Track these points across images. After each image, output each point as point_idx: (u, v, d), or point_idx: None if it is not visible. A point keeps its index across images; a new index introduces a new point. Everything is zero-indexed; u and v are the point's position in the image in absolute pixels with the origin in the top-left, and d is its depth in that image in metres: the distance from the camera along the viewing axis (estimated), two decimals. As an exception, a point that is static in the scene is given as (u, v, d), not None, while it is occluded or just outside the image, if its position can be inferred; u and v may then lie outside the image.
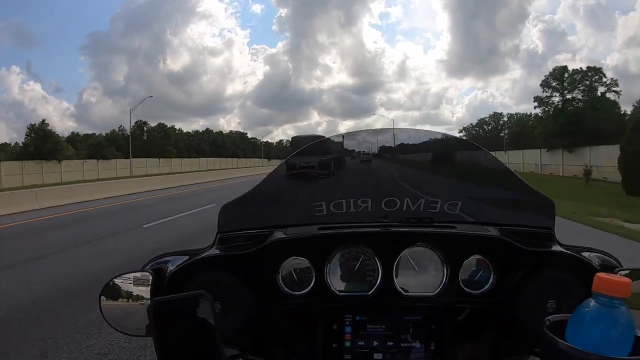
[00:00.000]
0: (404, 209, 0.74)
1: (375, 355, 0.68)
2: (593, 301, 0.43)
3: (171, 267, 0.71)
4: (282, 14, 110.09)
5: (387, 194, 0.77)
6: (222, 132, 69.72)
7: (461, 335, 0.69)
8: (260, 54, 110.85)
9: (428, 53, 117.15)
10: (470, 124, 63.99)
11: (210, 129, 68.55)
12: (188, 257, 0.72)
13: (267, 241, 0.71)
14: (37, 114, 64.73)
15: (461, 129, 61.05)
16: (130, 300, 0.67)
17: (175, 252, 0.76)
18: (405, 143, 0.85)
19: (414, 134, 0.85)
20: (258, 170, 31.99)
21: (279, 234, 0.73)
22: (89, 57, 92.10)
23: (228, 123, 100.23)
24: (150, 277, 0.67)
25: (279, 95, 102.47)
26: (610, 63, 68.30)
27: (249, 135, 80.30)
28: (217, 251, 0.75)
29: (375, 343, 0.68)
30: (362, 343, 0.68)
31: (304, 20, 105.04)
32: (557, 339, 0.43)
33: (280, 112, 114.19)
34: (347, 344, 0.68)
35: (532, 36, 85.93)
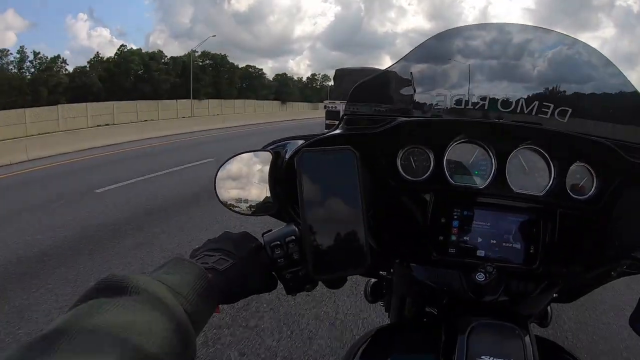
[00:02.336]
0: (517, 111, 0.77)
1: (478, 252, 0.72)
2: None
3: (290, 150, 0.73)
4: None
5: (504, 92, 0.79)
6: (155, 52, 44.77)
7: (560, 241, 0.73)
8: None
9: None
10: None
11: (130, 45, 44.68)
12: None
13: (393, 123, 0.74)
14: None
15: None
16: (245, 179, 0.71)
17: (296, 137, 0.78)
18: (521, 46, 0.83)
19: (527, 33, 0.83)
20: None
21: (403, 118, 0.77)
22: (152, 0, 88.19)
23: (297, 65, 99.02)
24: (271, 157, 0.69)
25: (351, 38, 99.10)
26: None
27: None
28: (340, 131, 0.78)
29: (479, 239, 0.72)
30: (467, 238, 0.73)
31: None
32: None
33: (352, 55, 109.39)
34: (453, 237, 0.73)
35: None
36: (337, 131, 0.78)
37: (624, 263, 0.72)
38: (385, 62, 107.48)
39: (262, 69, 57.73)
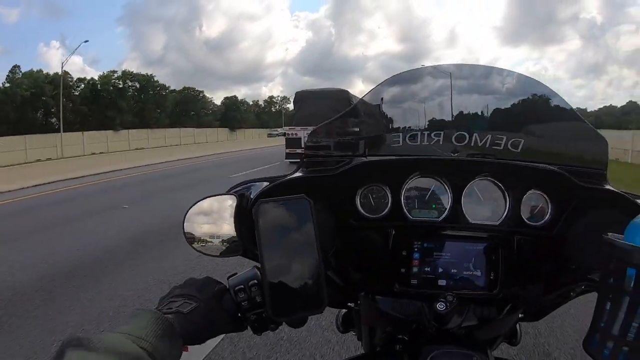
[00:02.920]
0: (472, 145, 0.81)
1: (440, 282, 0.74)
2: None
3: (254, 192, 0.76)
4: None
5: (458, 128, 0.83)
6: (57, 74, 33.75)
7: (519, 266, 0.76)
8: (301, 19, 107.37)
9: (481, 18, 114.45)
10: None
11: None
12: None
13: (349, 164, 0.78)
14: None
15: None
16: (213, 222, 0.72)
17: (260, 178, 0.81)
18: (471, 84, 0.89)
19: (473, 69, 0.91)
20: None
21: (360, 159, 0.81)
22: (126, 27, 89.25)
23: (270, 91, 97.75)
24: (235, 201, 0.72)
25: (322, 63, 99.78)
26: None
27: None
28: (300, 174, 0.81)
29: (440, 270, 0.75)
30: (428, 269, 0.75)
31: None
32: (617, 239, 0.47)
33: (323, 80, 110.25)
34: (415, 269, 0.75)
35: (589, 6, 76.48)
36: (298, 174, 0.82)
37: (581, 284, 0.77)
38: (356, 86, 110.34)
39: (202, 91, 51.04)
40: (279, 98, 69.21)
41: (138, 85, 38.15)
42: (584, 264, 0.70)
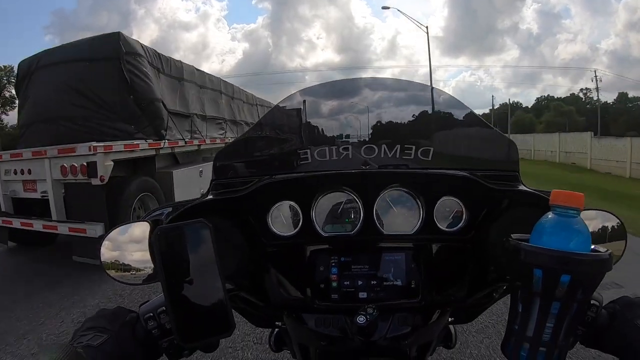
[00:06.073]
0: (382, 156, 0.84)
1: (360, 294, 0.76)
2: (551, 213, 0.49)
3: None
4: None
5: (365, 141, 0.87)
6: None
7: (439, 272, 0.78)
8: (238, 31, 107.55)
9: (422, 28, 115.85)
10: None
11: None
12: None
13: (257, 184, 0.80)
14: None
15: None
16: (129, 250, 0.72)
17: (172, 203, 0.83)
18: (380, 96, 0.94)
19: (382, 83, 0.96)
20: None
21: (268, 178, 0.83)
22: (54, 36, 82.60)
23: None
24: (149, 227, 0.72)
25: (260, 76, 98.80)
26: (605, 47, 74.06)
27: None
28: (211, 197, 0.83)
29: (359, 282, 0.76)
30: (348, 283, 0.76)
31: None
32: (520, 242, 0.49)
33: (261, 93, 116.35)
34: (334, 284, 0.76)
35: (527, 17, 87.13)
36: (209, 197, 0.83)
37: (502, 285, 0.78)
38: (295, 99, 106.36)
39: None
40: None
41: None
42: (502, 265, 0.72)
